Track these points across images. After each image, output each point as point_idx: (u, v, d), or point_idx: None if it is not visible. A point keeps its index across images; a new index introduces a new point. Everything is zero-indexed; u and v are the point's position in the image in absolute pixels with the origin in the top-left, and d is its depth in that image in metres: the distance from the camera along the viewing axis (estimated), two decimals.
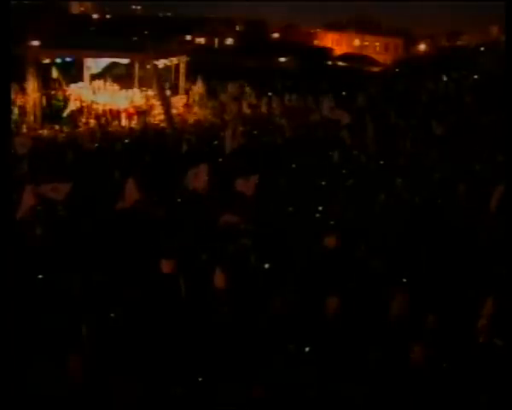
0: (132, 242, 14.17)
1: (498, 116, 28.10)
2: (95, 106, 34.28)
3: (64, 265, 12.94)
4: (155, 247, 13.67)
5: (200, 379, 9.70)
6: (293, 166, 21.78)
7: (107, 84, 37.02)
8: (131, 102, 35.19)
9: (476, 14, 70.22)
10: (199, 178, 16.84)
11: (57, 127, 31.00)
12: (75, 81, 37.22)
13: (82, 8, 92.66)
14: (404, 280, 12.53)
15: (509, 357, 8.89)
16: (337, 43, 79.75)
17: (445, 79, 39.81)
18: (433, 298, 11.70)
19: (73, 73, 37.75)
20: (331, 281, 12.20)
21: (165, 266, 12.50)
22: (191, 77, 40.60)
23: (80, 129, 31.06)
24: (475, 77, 39.78)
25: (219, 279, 11.94)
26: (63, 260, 13.16)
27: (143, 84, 36.98)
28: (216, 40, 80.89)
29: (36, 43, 37.06)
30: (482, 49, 47.71)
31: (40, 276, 12.52)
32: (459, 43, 62.54)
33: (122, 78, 37.86)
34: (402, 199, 18.08)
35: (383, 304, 11.40)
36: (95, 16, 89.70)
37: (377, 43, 78.05)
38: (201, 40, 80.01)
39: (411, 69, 47.21)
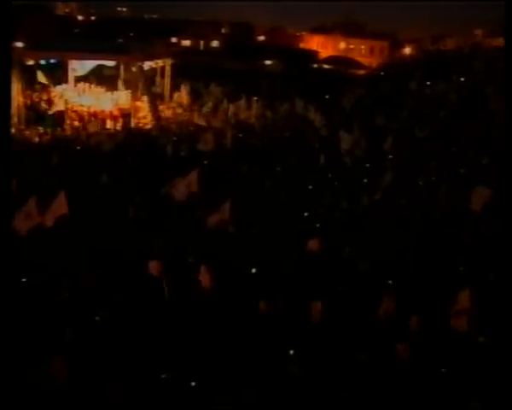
0: (120, 244, 14.16)
1: (483, 118, 28.36)
2: (80, 108, 34.07)
3: (50, 268, 12.87)
4: (143, 249, 13.65)
5: (186, 382, 9.67)
6: (279, 168, 21.79)
7: (93, 86, 36.84)
8: (117, 104, 35.02)
9: (461, 17, 70.76)
10: (190, 185, 16.78)
11: (42, 129, 30.76)
12: (60, 83, 36.99)
13: (67, 10, 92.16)
14: (390, 282, 12.57)
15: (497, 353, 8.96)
16: (323, 46, 79.83)
17: (429, 82, 39.98)
18: (417, 298, 11.76)
19: (58, 74, 37.49)
20: (316, 283, 12.23)
21: (153, 268, 12.48)
22: (177, 79, 40.49)
23: (65, 131, 30.85)
24: (461, 79, 40.00)
25: (205, 278, 11.94)
26: (49, 263, 13.09)
27: (129, 86, 36.82)
28: (202, 42, 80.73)
29: (20, 44, 36.78)
30: (467, 52, 47.97)
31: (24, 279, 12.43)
32: (444, 46, 62.87)
33: (107, 80, 37.68)
34: (388, 200, 18.14)
35: (369, 305, 11.45)
36: (80, 18, 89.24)
37: (363, 47, 78.23)
38: (187, 42, 79.81)
39: (397, 72, 47.38)
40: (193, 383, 9.65)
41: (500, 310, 10.12)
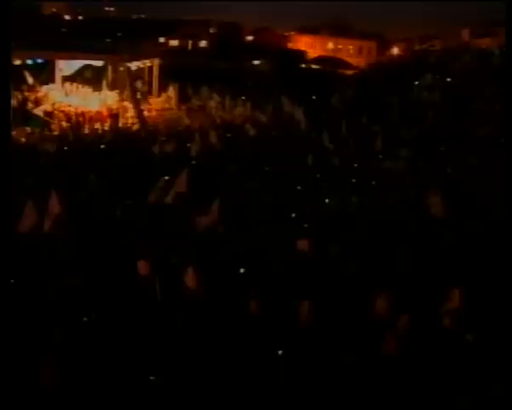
0: (108, 245, 14.10)
1: (470, 118, 28.48)
2: (67, 108, 33.93)
3: (39, 269, 12.80)
4: (132, 250, 13.60)
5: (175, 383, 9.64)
6: (267, 168, 21.77)
7: (80, 86, 36.68)
8: (104, 104, 34.91)
9: (448, 18, 71.02)
10: (179, 186, 16.75)
11: (29, 130, 30.59)
12: (47, 83, 36.82)
13: (54, 9, 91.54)
14: (378, 282, 12.58)
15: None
16: (311, 46, 79.87)
17: (417, 82, 40.13)
18: (406, 297, 11.79)
19: (45, 74, 37.31)
20: (305, 284, 12.22)
21: (142, 268, 12.45)
22: (164, 79, 40.40)
23: (52, 132, 30.70)
24: (448, 80, 40.17)
25: (190, 279, 11.92)
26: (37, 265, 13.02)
27: (116, 86, 36.70)
28: (189, 42, 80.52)
29: None
30: (454, 52, 48.16)
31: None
32: (432, 46, 63.10)
33: (95, 80, 37.54)
34: (375, 201, 18.17)
35: (358, 305, 11.47)
36: (67, 17, 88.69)
37: (351, 47, 78.38)
38: (175, 42, 79.55)
39: (385, 72, 47.50)
40: (183, 385, 9.62)
41: (492, 309, 10.24)
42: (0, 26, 9.51)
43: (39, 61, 36.32)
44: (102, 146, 26.18)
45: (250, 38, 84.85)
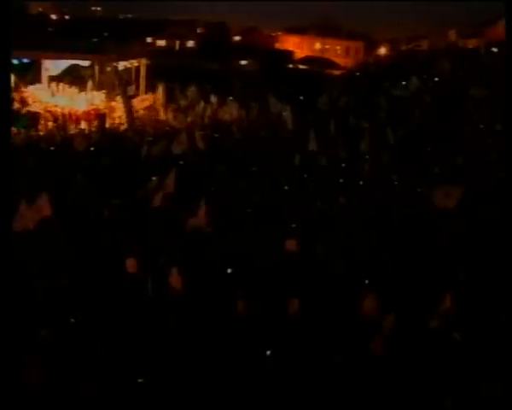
0: (96, 244, 14.03)
1: (457, 118, 28.60)
2: (53, 108, 33.74)
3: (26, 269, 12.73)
4: (119, 249, 13.56)
5: (162, 384, 9.61)
6: (254, 168, 21.75)
7: (67, 86, 36.49)
8: (91, 104, 34.76)
9: (435, 18, 71.39)
10: (167, 186, 16.73)
11: (15, 130, 30.40)
12: (33, 83, 36.60)
13: (40, 9, 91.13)
14: (367, 281, 12.62)
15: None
16: (298, 46, 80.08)
17: (404, 82, 40.22)
18: (394, 297, 11.83)
19: (31, 74, 37.09)
20: (293, 284, 12.23)
21: (130, 266, 12.43)
22: (152, 79, 40.30)
23: (39, 132, 30.53)
24: (435, 80, 40.29)
25: (175, 280, 11.90)
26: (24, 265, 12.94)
27: (103, 86, 36.55)
28: (177, 42, 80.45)
29: None
30: (442, 52, 48.33)
31: None
32: (418, 46, 63.36)
33: (82, 80, 37.36)
34: (363, 201, 18.20)
35: (345, 305, 11.49)
36: (53, 17, 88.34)
37: (338, 47, 78.73)
38: (162, 42, 79.48)
39: (372, 72, 47.61)
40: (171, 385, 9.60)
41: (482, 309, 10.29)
42: (0, 26, 9.46)
43: (25, 60, 36.06)
44: (89, 146, 26.05)
45: (237, 38, 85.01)
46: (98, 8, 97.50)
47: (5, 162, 9.08)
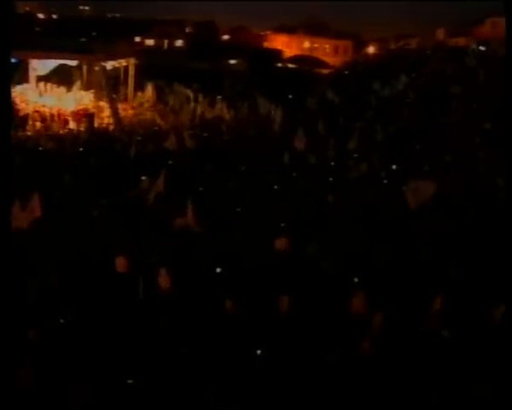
0: (86, 244, 13.98)
1: (446, 116, 28.71)
2: (41, 108, 33.56)
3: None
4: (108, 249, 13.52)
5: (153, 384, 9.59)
6: (243, 167, 21.74)
7: (55, 86, 36.33)
8: (80, 104, 34.62)
9: (423, 17, 71.68)
10: (157, 186, 16.70)
11: None
12: (20, 83, 36.40)
13: (27, 8, 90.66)
14: (356, 280, 12.64)
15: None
16: (287, 45, 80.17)
17: (393, 80, 40.35)
18: (384, 295, 11.85)
19: (18, 74, 36.87)
20: (283, 282, 12.23)
21: (120, 265, 12.39)
22: (140, 79, 40.20)
23: (26, 132, 30.32)
24: (424, 78, 40.48)
25: (164, 280, 11.88)
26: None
27: (92, 86, 36.43)
28: (165, 42, 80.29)
29: None
30: (429, 51, 48.60)
31: None
32: (407, 45, 63.68)
33: (70, 79, 37.21)
34: (352, 199, 18.23)
35: (335, 303, 11.50)
36: (41, 16, 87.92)
37: (327, 46, 78.88)
38: (151, 42, 79.29)
39: (361, 71, 47.74)
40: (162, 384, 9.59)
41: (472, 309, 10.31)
42: (0, 27, 9.39)
43: (13, 60, 35.81)
44: (78, 146, 25.96)
45: (226, 37, 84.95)
46: (86, 8, 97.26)
47: (5, 162, 9.00)
